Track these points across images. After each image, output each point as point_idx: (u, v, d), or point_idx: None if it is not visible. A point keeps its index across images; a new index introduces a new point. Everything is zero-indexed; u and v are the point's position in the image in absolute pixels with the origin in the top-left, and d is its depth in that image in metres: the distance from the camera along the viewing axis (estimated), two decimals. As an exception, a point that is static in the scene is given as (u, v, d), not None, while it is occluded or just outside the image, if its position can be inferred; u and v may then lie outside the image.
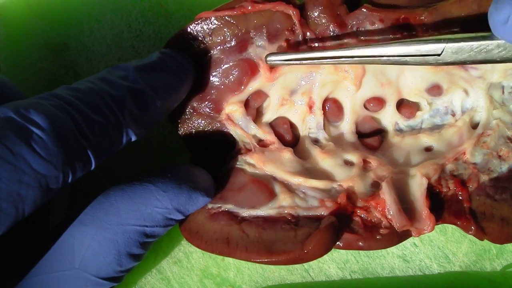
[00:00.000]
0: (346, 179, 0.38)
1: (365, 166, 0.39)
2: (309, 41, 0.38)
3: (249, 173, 0.39)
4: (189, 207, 0.36)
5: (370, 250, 0.38)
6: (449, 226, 0.43)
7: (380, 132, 0.42)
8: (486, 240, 0.37)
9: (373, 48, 0.35)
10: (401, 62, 0.35)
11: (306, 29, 0.38)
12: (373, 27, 0.38)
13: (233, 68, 0.38)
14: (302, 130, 0.41)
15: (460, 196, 0.38)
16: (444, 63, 0.35)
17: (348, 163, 0.40)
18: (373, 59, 0.36)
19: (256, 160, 0.39)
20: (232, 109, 0.39)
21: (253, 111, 0.40)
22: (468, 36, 0.35)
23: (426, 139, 0.41)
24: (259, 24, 0.38)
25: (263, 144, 0.40)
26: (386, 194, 0.37)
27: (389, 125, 0.42)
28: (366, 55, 0.35)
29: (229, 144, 0.40)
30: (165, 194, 0.35)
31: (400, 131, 0.42)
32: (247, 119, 0.40)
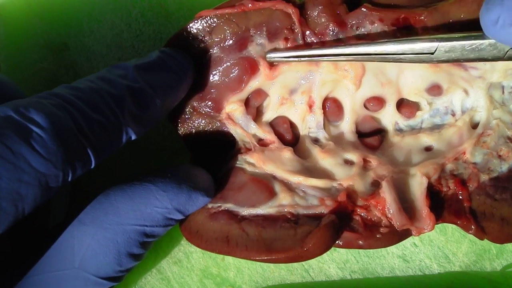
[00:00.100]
0: (346, 178, 0.38)
1: (365, 165, 0.39)
2: (309, 40, 0.38)
3: (249, 172, 0.39)
4: (189, 207, 0.36)
5: (370, 249, 0.38)
6: (449, 226, 0.43)
7: (380, 132, 0.42)
8: (486, 240, 0.37)
9: (370, 46, 0.36)
10: (397, 60, 0.36)
11: (306, 28, 0.38)
12: (373, 27, 0.38)
13: (233, 67, 0.38)
14: (302, 130, 0.41)
15: (460, 196, 0.38)
16: (438, 61, 0.36)
17: (348, 162, 0.40)
18: (370, 57, 0.36)
19: (256, 160, 0.39)
20: (233, 108, 0.39)
21: (253, 110, 0.40)
22: (461, 36, 0.35)
23: (426, 139, 0.41)
24: (259, 22, 0.38)
25: (263, 144, 0.40)
26: (386, 193, 0.37)
27: (389, 125, 0.42)
28: (363, 53, 0.36)
29: (229, 144, 0.40)
30: (165, 194, 0.35)
31: (400, 131, 0.42)
32: (247, 118, 0.40)
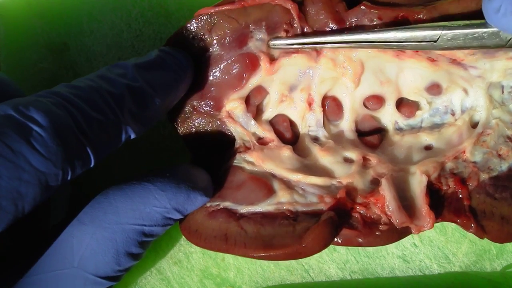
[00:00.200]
0: (346, 176, 0.38)
1: (365, 164, 0.39)
2: (305, 34, 0.38)
3: (248, 171, 0.39)
4: (188, 207, 0.36)
5: (370, 247, 0.37)
6: (449, 226, 0.43)
7: (380, 131, 0.42)
8: (486, 240, 0.37)
9: (373, 34, 0.36)
10: (400, 47, 0.37)
11: (305, 24, 0.38)
12: (372, 25, 0.38)
13: (234, 64, 0.38)
14: (302, 128, 0.41)
15: (460, 194, 0.38)
16: (441, 49, 0.36)
17: (348, 160, 0.39)
18: (373, 44, 0.37)
19: (255, 158, 0.39)
20: (233, 106, 0.39)
21: (253, 108, 0.40)
22: (463, 24, 0.35)
23: (426, 138, 0.41)
24: (259, 18, 0.38)
25: (263, 142, 0.40)
26: (386, 191, 0.36)
27: (389, 124, 0.42)
28: (366, 40, 0.36)
29: (229, 143, 0.40)
30: (164, 194, 0.35)
31: (400, 130, 0.42)
32: (248, 116, 0.40)
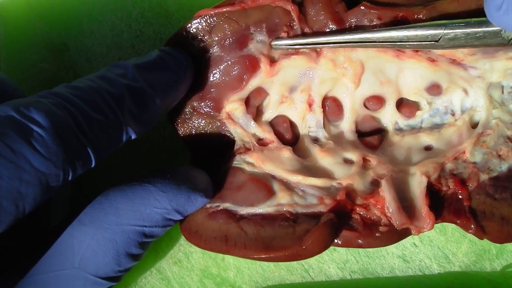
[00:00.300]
0: (346, 177, 0.38)
1: (365, 165, 0.39)
2: (306, 34, 0.38)
3: (248, 172, 0.39)
4: (188, 208, 0.36)
5: (370, 248, 0.37)
6: (449, 226, 0.43)
7: (380, 131, 0.42)
8: (486, 240, 0.37)
9: (374, 33, 0.36)
10: (402, 46, 0.37)
11: (305, 25, 0.38)
12: (371, 25, 0.38)
13: (234, 65, 0.38)
14: (302, 129, 0.41)
15: (460, 195, 0.38)
16: (442, 48, 0.36)
17: (348, 162, 0.39)
18: (374, 44, 0.37)
19: (255, 159, 0.39)
20: (233, 107, 0.39)
21: (253, 110, 0.40)
22: (465, 22, 0.35)
23: (426, 138, 0.41)
24: (259, 20, 0.38)
25: (263, 143, 0.40)
26: (386, 192, 0.36)
27: (389, 124, 0.42)
28: (367, 40, 0.36)
29: (229, 144, 0.40)
30: (164, 195, 0.35)
31: (400, 130, 0.42)
32: (248, 118, 0.40)
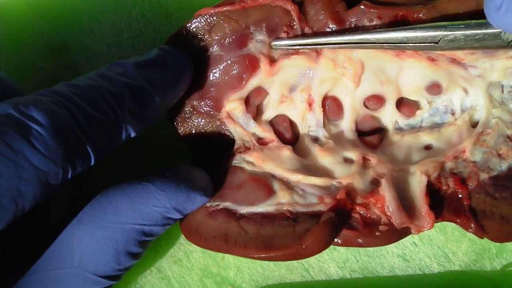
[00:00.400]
0: (346, 176, 0.38)
1: (365, 164, 0.39)
2: (307, 34, 0.38)
3: (248, 171, 0.39)
4: (188, 207, 0.36)
5: (370, 247, 0.37)
6: (449, 226, 0.43)
7: (380, 131, 0.42)
8: (486, 239, 0.37)
9: (374, 34, 0.36)
10: (401, 48, 0.37)
11: (305, 25, 0.38)
12: (371, 24, 0.38)
13: (234, 65, 0.38)
14: (302, 128, 0.41)
15: (460, 194, 0.38)
16: (442, 49, 0.36)
17: (348, 161, 0.39)
18: (375, 45, 0.37)
19: (255, 158, 0.39)
20: (233, 107, 0.39)
21: (253, 109, 0.40)
22: (464, 24, 0.35)
23: (426, 138, 0.41)
24: (259, 19, 0.38)
25: (262, 142, 0.40)
26: (386, 191, 0.36)
27: (389, 124, 0.42)
28: (367, 41, 0.36)
29: (229, 143, 0.40)
30: (164, 194, 0.35)
31: (400, 130, 0.42)
32: (247, 117, 0.40)
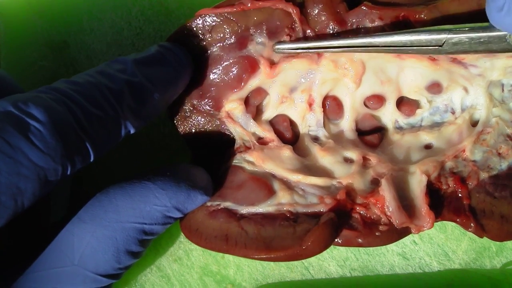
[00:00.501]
0: (346, 176, 0.38)
1: (365, 163, 0.39)
2: (309, 38, 0.38)
3: (248, 171, 0.39)
4: (188, 205, 0.36)
5: (370, 247, 0.37)
6: (449, 224, 0.43)
7: (380, 130, 0.42)
8: (486, 238, 0.37)
9: (377, 38, 0.36)
10: (404, 52, 0.37)
11: (306, 27, 0.38)
12: (373, 25, 0.38)
13: (233, 65, 0.38)
14: (302, 128, 0.41)
15: (460, 193, 0.38)
16: (446, 53, 0.36)
17: (348, 160, 0.39)
18: (377, 48, 0.36)
19: (255, 158, 0.39)
20: (232, 107, 0.39)
21: (253, 109, 0.40)
22: (468, 27, 0.35)
23: (426, 137, 0.41)
24: (259, 21, 0.38)
25: (263, 142, 0.40)
26: (386, 191, 0.36)
27: (389, 123, 0.42)
28: (370, 44, 0.36)
29: (229, 142, 0.40)
30: (164, 192, 0.35)
31: (400, 129, 0.42)
32: (247, 117, 0.39)
